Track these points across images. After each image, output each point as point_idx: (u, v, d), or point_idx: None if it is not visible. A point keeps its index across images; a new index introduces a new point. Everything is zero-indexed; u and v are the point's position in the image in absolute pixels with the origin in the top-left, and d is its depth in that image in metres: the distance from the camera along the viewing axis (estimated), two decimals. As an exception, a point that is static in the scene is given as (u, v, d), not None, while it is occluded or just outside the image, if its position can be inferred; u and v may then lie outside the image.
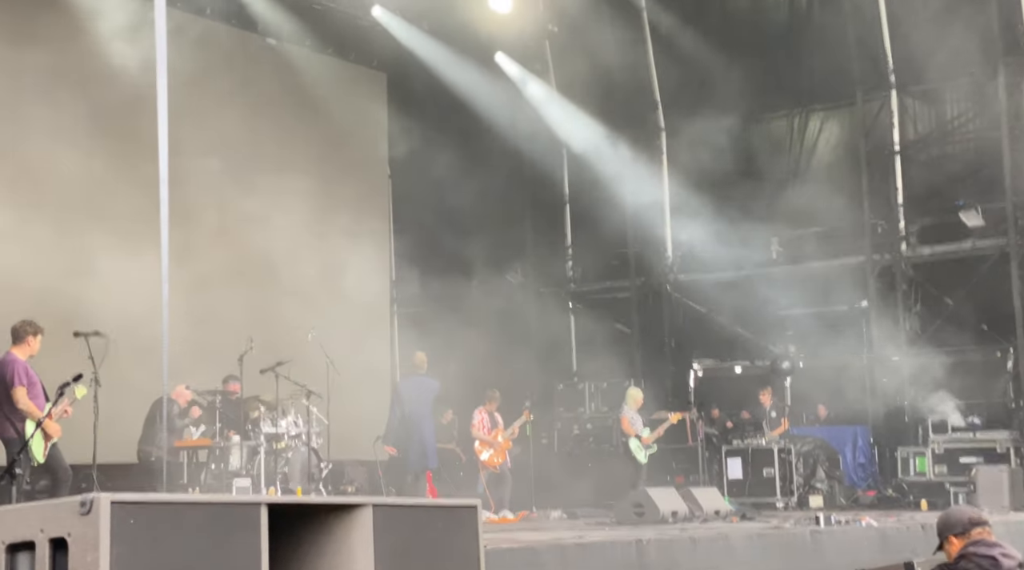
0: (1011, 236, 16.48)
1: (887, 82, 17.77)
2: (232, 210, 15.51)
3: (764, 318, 18.63)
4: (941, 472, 15.19)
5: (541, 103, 19.84)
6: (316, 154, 17.09)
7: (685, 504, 12.16)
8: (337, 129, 17.31)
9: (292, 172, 16.52)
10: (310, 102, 16.84)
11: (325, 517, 4.70)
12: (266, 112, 16.37)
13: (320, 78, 17.05)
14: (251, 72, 16.30)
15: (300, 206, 16.51)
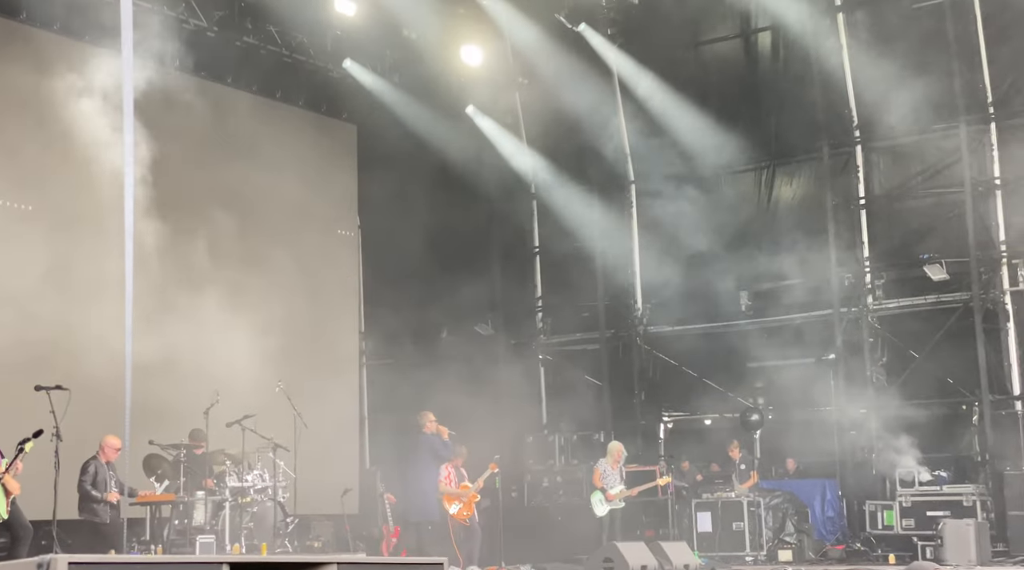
0: (975, 290, 16.65)
1: (852, 137, 18.01)
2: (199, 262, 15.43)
3: (733, 370, 18.69)
4: (909, 526, 15.20)
5: (511, 156, 19.96)
6: (285, 206, 17.08)
7: (655, 558, 12.12)
8: (307, 181, 17.33)
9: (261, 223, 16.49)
10: (280, 154, 16.86)
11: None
12: (235, 163, 16.35)
13: (290, 130, 17.09)
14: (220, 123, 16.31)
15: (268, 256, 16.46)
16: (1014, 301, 16.66)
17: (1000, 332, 16.65)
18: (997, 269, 16.76)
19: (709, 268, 18.42)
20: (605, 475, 14.78)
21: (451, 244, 19.38)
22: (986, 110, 16.89)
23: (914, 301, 17.44)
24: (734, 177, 19.08)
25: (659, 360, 19.47)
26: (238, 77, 16.54)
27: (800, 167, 18.76)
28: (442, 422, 15.54)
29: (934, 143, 17.46)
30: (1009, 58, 16.69)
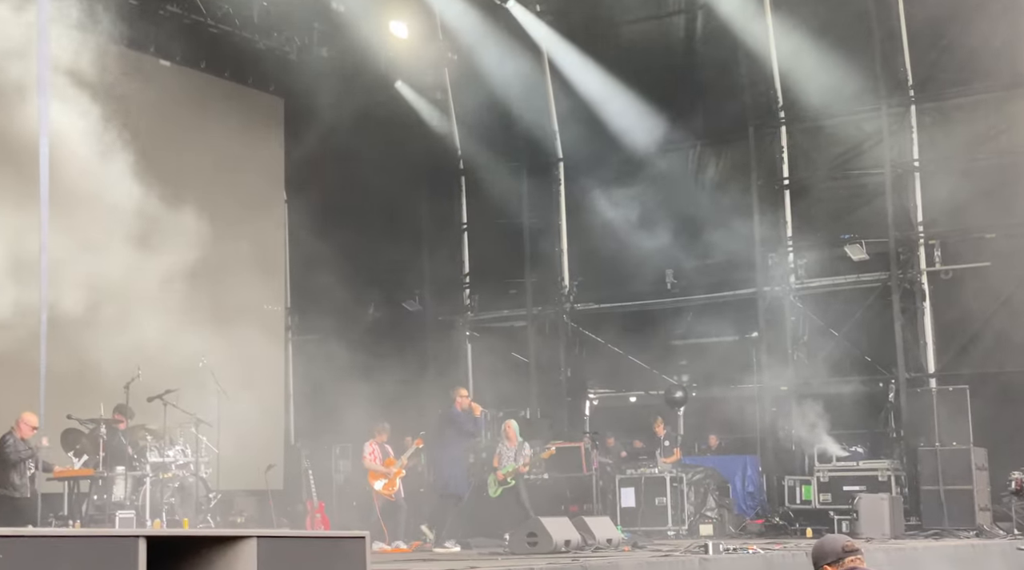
0: (893, 270, 17.01)
1: (777, 118, 18.24)
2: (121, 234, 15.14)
3: (658, 348, 18.91)
4: (826, 500, 15.53)
5: (440, 131, 19.90)
6: (210, 178, 16.82)
7: (578, 533, 12.21)
8: (233, 154, 17.08)
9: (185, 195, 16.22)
10: (205, 126, 16.60)
11: (208, 550, 4.61)
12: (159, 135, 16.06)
13: (216, 102, 16.83)
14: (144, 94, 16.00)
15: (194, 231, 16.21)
16: (930, 281, 17.05)
17: (917, 311, 17.04)
18: (915, 250, 17.13)
19: (636, 246, 18.57)
20: (502, 456, 14.92)
21: (379, 220, 19.28)
22: (907, 93, 17.21)
23: (835, 280, 17.77)
24: (661, 156, 19.21)
25: (585, 337, 19.61)
26: (162, 47, 16.23)
27: (726, 147, 18.96)
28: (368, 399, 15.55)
29: (856, 125, 17.76)
30: (929, 42, 17.01)
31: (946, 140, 17.00)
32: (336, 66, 17.64)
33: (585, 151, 19.43)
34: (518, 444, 15.16)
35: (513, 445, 15.12)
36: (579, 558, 10.77)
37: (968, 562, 12.30)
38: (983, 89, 16.54)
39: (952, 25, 16.62)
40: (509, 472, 14.84)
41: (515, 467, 14.84)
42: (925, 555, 12.32)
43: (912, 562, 11.94)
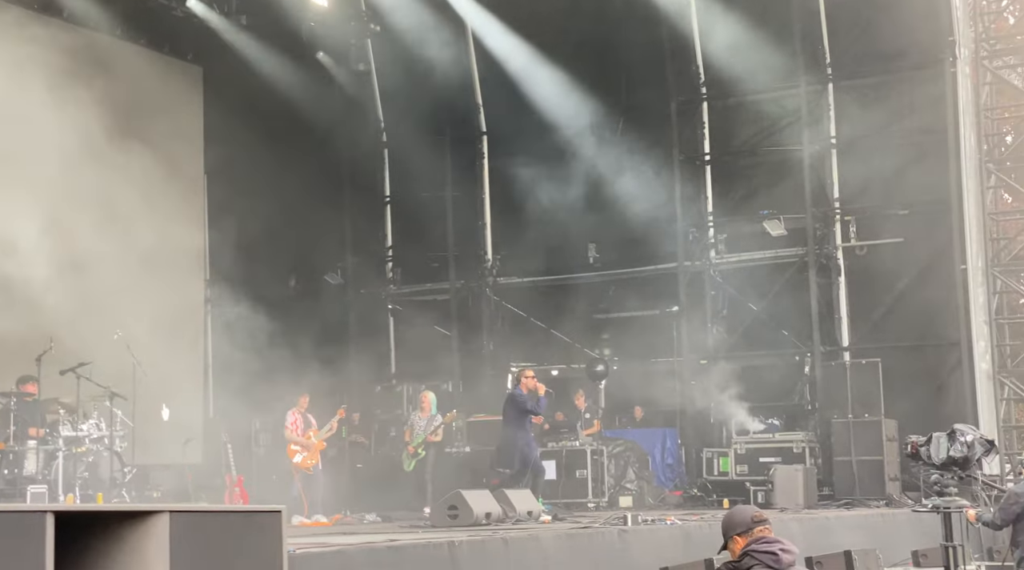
0: (810, 246, 17.29)
1: (699, 94, 18.39)
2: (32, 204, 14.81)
3: (580, 322, 19.02)
4: (743, 472, 15.82)
5: (363, 103, 19.71)
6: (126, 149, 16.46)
7: (499, 506, 12.26)
8: (150, 123, 16.74)
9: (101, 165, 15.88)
10: (122, 95, 16.23)
11: (119, 526, 4.54)
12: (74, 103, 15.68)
13: (133, 70, 16.47)
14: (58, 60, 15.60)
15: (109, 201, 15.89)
16: (846, 257, 17.38)
17: (832, 286, 17.37)
18: (831, 226, 17.43)
19: (558, 220, 18.63)
20: (414, 427, 14.96)
21: (301, 192, 19.06)
22: (825, 72, 17.46)
23: (754, 255, 18.03)
24: (584, 130, 19.25)
25: (508, 311, 19.66)
26: (75, 12, 15.82)
27: (648, 122, 19.05)
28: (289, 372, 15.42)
29: (776, 102, 17.99)
30: (847, 22, 17.26)
31: (862, 118, 17.29)
32: (256, 35, 17.37)
33: (509, 125, 19.41)
34: (430, 416, 15.19)
35: (426, 416, 15.15)
36: (499, 530, 10.82)
37: (877, 530, 12.62)
38: (898, 68, 16.84)
39: (869, 5, 16.87)
40: (419, 443, 14.86)
41: (424, 437, 14.86)
42: (836, 524, 12.62)
43: (824, 531, 12.22)
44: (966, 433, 8.45)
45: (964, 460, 8.34)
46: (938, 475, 8.45)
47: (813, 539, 11.41)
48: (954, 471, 8.38)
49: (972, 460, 8.33)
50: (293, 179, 18.66)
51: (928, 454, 8.40)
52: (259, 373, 16.84)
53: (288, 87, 17.87)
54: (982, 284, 15.94)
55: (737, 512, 5.19)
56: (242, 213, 18.31)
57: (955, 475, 8.43)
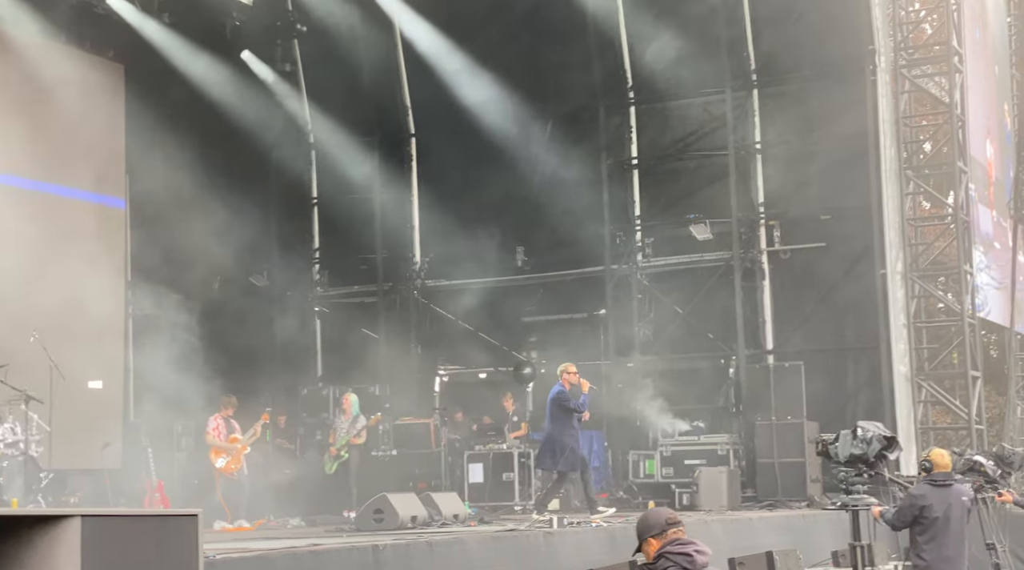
0: (735, 249, 17.50)
1: (626, 98, 18.51)
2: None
3: (508, 325, 19.03)
4: (668, 474, 15.94)
5: (290, 104, 19.52)
6: (46, 148, 16.14)
7: (425, 509, 12.24)
8: (70, 121, 16.41)
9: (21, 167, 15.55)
10: (40, 94, 15.89)
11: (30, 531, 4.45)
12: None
13: (52, 68, 16.11)
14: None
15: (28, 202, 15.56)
16: (770, 261, 17.61)
17: (757, 290, 17.59)
18: (756, 230, 17.65)
19: (486, 223, 18.63)
20: (337, 430, 14.86)
21: (226, 193, 18.80)
22: (750, 77, 17.68)
23: (680, 259, 18.19)
24: (513, 134, 19.29)
25: (436, 314, 19.61)
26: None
27: (576, 126, 19.14)
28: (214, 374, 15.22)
29: (702, 107, 18.18)
30: (772, 29, 17.50)
31: (786, 124, 17.55)
32: (179, 33, 17.10)
33: (438, 127, 19.37)
34: (353, 417, 15.10)
35: (348, 418, 15.05)
36: (424, 534, 10.78)
37: (799, 531, 12.80)
38: (821, 75, 17.10)
39: (793, 13, 17.12)
40: (342, 446, 14.75)
41: (347, 439, 14.76)
42: (759, 525, 12.77)
43: (747, 532, 12.36)
44: (867, 430, 8.52)
45: (864, 457, 8.38)
46: (844, 472, 8.51)
47: (736, 540, 11.53)
48: (860, 468, 8.41)
49: (870, 456, 8.36)
50: (218, 179, 18.39)
51: (835, 452, 8.49)
52: (182, 376, 16.59)
53: (213, 86, 17.63)
54: (901, 288, 16.26)
55: (651, 514, 5.22)
56: (165, 213, 18.02)
57: (862, 472, 8.46)
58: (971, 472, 10.71)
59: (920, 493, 9.00)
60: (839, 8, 16.54)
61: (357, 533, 11.49)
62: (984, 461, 10.59)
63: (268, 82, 19.02)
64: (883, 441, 8.37)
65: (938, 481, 9.01)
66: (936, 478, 9.02)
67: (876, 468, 8.41)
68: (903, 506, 9.07)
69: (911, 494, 9.06)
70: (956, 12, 16.48)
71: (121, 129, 17.76)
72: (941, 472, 9.06)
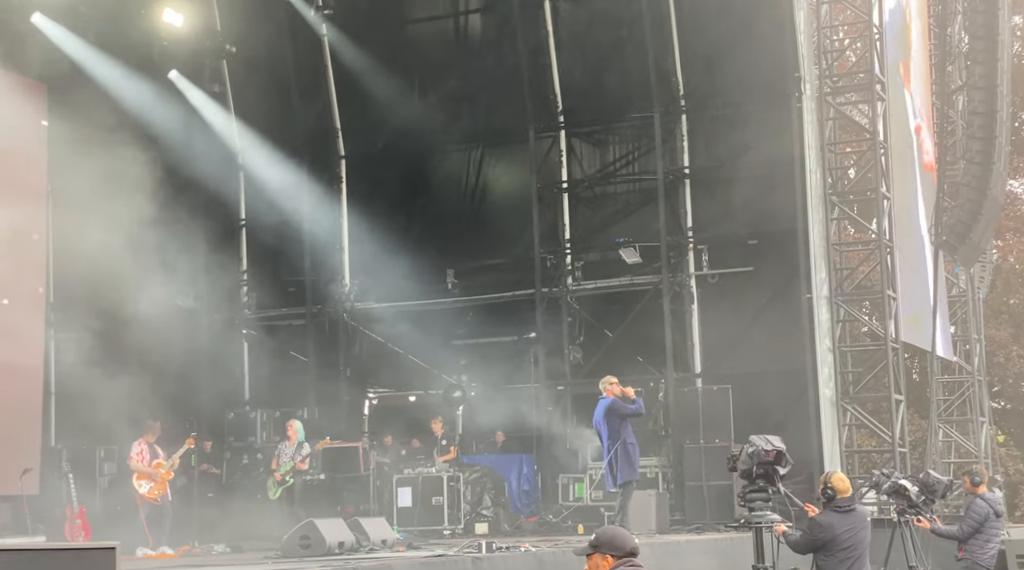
0: (664, 273, 17.63)
1: (557, 122, 18.61)
2: None
3: (438, 348, 18.94)
4: (597, 497, 15.94)
5: (218, 125, 19.31)
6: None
7: (352, 534, 12.11)
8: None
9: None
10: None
11: (-64, 566, 4.30)
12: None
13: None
14: None
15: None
16: (698, 284, 17.77)
17: (685, 313, 17.72)
18: (684, 254, 17.80)
19: (417, 246, 18.56)
20: (280, 455, 14.69)
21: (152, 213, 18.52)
22: (678, 102, 17.87)
23: (610, 282, 18.29)
24: (443, 157, 19.30)
25: (365, 336, 19.47)
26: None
27: (507, 149, 19.22)
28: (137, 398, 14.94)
29: (631, 131, 18.35)
30: (700, 55, 17.72)
31: (714, 149, 17.78)
32: (105, 52, 16.85)
33: (368, 149, 19.31)
34: (297, 443, 14.94)
35: (292, 444, 14.90)
36: (352, 560, 10.66)
37: (725, 554, 12.86)
38: (748, 101, 17.35)
39: (720, 40, 17.36)
40: (287, 471, 14.60)
41: (292, 465, 14.60)
42: (687, 548, 12.82)
43: (675, 555, 12.40)
44: (754, 443, 8.43)
45: (749, 471, 8.27)
46: (743, 487, 8.39)
47: (664, 564, 11.57)
48: (757, 484, 8.28)
49: (752, 471, 8.24)
50: (145, 199, 18.12)
51: (735, 466, 8.43)
52: (104, 400, 16.25)
53: (139, 107, 17.37)
54: (826, 312, 16.49)
55: (622, 536, 5.16)
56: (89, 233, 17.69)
57: (761, 488, 8.30)
58: (895, 495, 10.85)
59: (827, 522, 8.69)
60: (766, 35, 16.79)
61: (283, 559, 11.33)
62: (909, 486, 10.67)
63: (195, 102, 18.80)
64: (760, 455, 8.21)
65: (842, 507, 8.75)
66: (840, 505, 8.74)
67: (772, 483, 8.27)
68: (810, 536, 8.71)
69: (818, 523, 8.73)
70: (879, 41, 16.83)
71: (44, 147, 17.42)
72: (844, 498, 8.77)
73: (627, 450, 12.83)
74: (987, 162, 17.78)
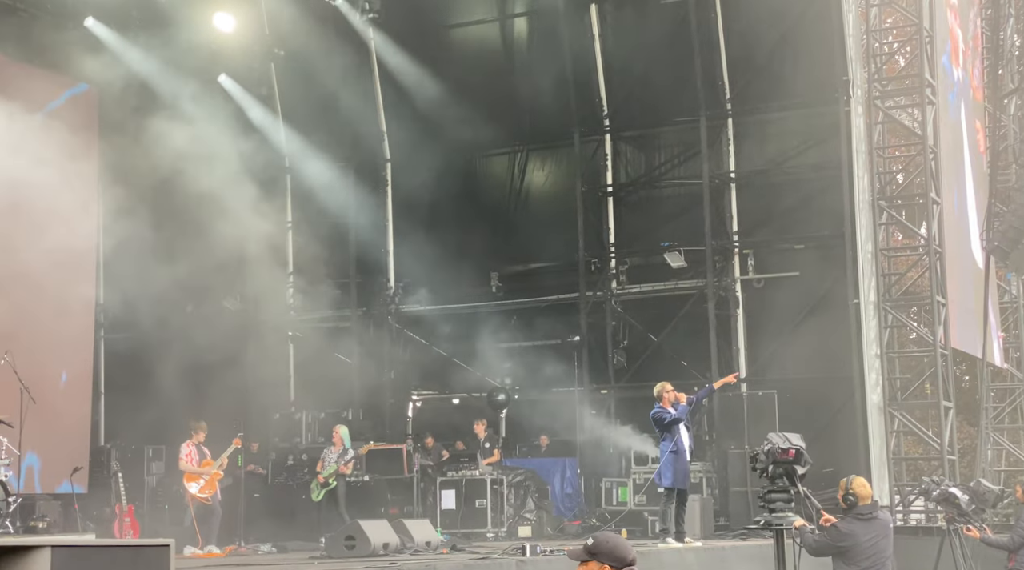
0: (709, 278, 17.55)
1: (602, 126, 18.59)
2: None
3: (482, 350, 18.96)
4: (641, 502, 15.88)
5: (265, 128, 19.48)
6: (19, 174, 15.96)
7: (397, 536, 12.17)
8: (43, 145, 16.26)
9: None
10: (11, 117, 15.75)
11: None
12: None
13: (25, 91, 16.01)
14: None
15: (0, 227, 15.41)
16: (743, 289, 17.67)
17: (730, 318, 17.63)
18: (730, 258, 17.72)
19: (461, 249, 18.62)
20: (325, 460, 14.79)
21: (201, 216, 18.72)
22: (724, 106, 17.79)
23: (654, 287, 18.24)
24: (488, 160, 19.35)
25: (410, 339, 19.54)
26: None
27: (552, 153, 19.23)
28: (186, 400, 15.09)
29: (677, 135, 18.29)
30: (746, 58, 17.65)
31: (760, 153, 17.68)
32: (156, 56, 17.05)
33: (413, 153, 19.37)
34: (342, 450, 15.03)
35: (338, 450, 14.98)
36: (397, 561, 10.70)
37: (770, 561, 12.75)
38: (795, 105, 17.23)
39: (768, 43, 17.27)
40: (330, 474, 14.70)
41: (335, 468, 14.70)
42: (731, 554, 12.75)
43: (719, 561, 12.34)
44: (771, 441, 8.12)
45: (767, 471, 8.05)
46: (763, 488, 8.10)
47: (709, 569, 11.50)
48: (777, 484, 8.05)
49: (769, 470, 8.00)
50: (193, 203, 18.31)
51: (755, 465, 8.24)
52: (152, 400, 16.46)
53: (189, 109, 17.55)
54: (874, 318, 16.33)
55: (623, 546, 5.07)
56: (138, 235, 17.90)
57: (782, 488, 8.03)
58: (945, 503, 10.73)
59: (848, 530, 8.30)
60: (814, 38, 16.68)
61: (328, 560, 11.40)
62: (959, 494, 10.54)
63: (244, 105, 18.98)
64: (776, 454, 7.91)
65: (864, 515, 8.38)
66: (863, 512, 8.37)
67: (794, 483, 8.02)
68: (829, 541, 8.33)
69: (839, 531, 8.32)
70: (929, 44, 16.65)
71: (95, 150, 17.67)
72: (866, 505, 8.40)
73: (669, 458, 12.92)
74: (1039, 167, 17.55)
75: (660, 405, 13.18)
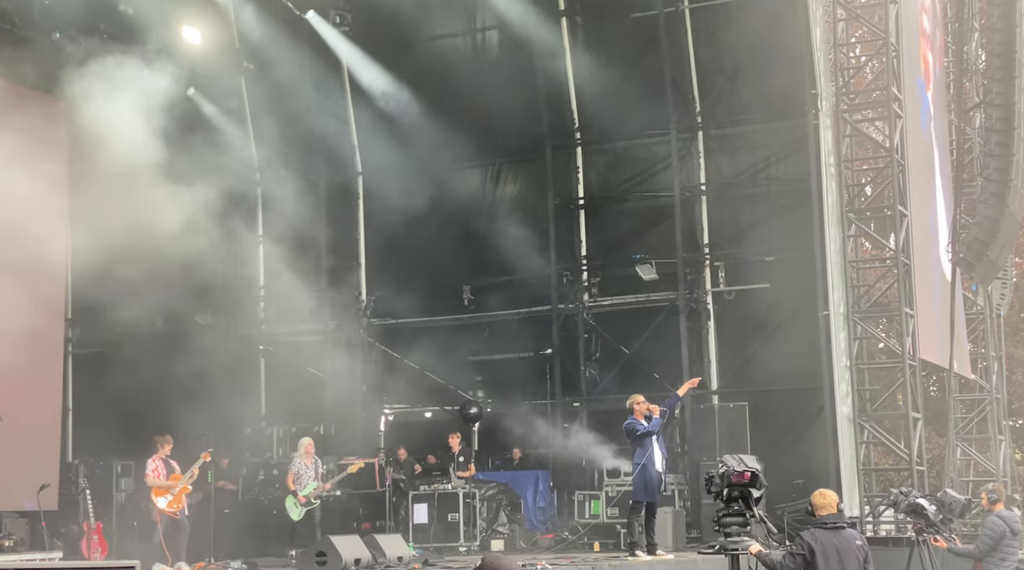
0: (680, 290, 17.61)
1: (573, 139, 18.64)
2: None
3: (455, 364, 18.95)
4: (613, 514, 15.88)
5: (236, 142, 19.40)
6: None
7: (368, 551, 12.14)
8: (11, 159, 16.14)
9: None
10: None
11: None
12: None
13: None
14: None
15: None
16: (715, 301, 17.75)
17: (701, 330, 17.70)
18: (701, 271, 17.79)
19: (433, 262, 18.61)
20: (299, 476, 14.64)
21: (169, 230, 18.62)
22: (695, 119, 17.89)
23: (626, 299, 18.28)
24: (460, 173, 19.33)
25: (382, 352, 19.50)
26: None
27: (524, 166, 19.26)
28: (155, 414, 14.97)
29: (648, 148, 18.37)
30: (716, 72, 17.75)
31: (730, 166, 17.79)
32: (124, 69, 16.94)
33: (385, 166, 19.34)
34: (314, 462, 14.93)
35: (310, 463, 14.88)
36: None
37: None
38: (764, 118, 17.35)
39: (737, 57, 17.38)
40: (311, 493, 14.57)
41: (316, 486, 14.58)
42: (703, 566, 12.76)
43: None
44: (726, 463, 7.99)
45: (721, 494, 7.97)
46: (721, 511, 7.95)
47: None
48: (733, 507, 7.97)
49: (723, 492, 7.90)
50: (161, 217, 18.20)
51: (710, 488, 8.17)
52: (122, 416, 16.35)
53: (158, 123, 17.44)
54: (843, 330, 16.43)
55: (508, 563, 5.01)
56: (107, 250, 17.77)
57: (737, 513, 7.85)
58: (913, 514, 10.80)
59: (810, 538, 7.96)
60: (782, 52, 16.79)
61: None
62: (927, 505, 10.61)
63: (213, 119, 18.90)
64: (731, 476, 7.77)
65: (828, 524, 8.00)
66: (826, 521, 8.01)
67: (749, 507, 7.93)
68: (790, 554, 8.00)
69: (802, 539, 8.01)
70: (896, 58, 16.80)
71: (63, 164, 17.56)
72: (830, 514, 8.05)
73: (639, 471, 12.98)
74: (1004, 180, 17.71)
75: (633, 417, 13.17)
